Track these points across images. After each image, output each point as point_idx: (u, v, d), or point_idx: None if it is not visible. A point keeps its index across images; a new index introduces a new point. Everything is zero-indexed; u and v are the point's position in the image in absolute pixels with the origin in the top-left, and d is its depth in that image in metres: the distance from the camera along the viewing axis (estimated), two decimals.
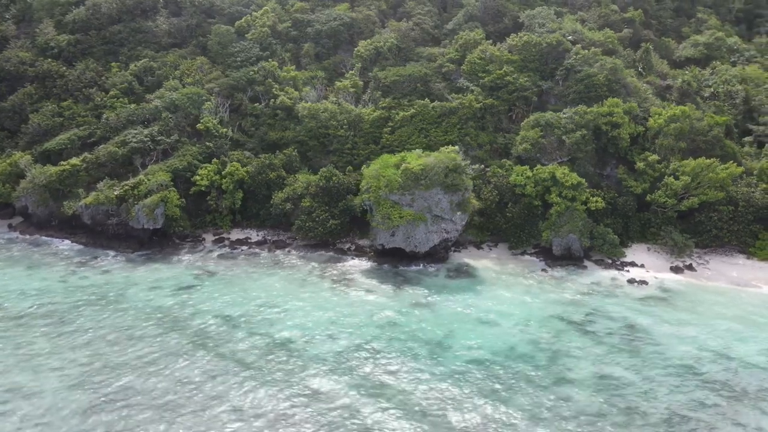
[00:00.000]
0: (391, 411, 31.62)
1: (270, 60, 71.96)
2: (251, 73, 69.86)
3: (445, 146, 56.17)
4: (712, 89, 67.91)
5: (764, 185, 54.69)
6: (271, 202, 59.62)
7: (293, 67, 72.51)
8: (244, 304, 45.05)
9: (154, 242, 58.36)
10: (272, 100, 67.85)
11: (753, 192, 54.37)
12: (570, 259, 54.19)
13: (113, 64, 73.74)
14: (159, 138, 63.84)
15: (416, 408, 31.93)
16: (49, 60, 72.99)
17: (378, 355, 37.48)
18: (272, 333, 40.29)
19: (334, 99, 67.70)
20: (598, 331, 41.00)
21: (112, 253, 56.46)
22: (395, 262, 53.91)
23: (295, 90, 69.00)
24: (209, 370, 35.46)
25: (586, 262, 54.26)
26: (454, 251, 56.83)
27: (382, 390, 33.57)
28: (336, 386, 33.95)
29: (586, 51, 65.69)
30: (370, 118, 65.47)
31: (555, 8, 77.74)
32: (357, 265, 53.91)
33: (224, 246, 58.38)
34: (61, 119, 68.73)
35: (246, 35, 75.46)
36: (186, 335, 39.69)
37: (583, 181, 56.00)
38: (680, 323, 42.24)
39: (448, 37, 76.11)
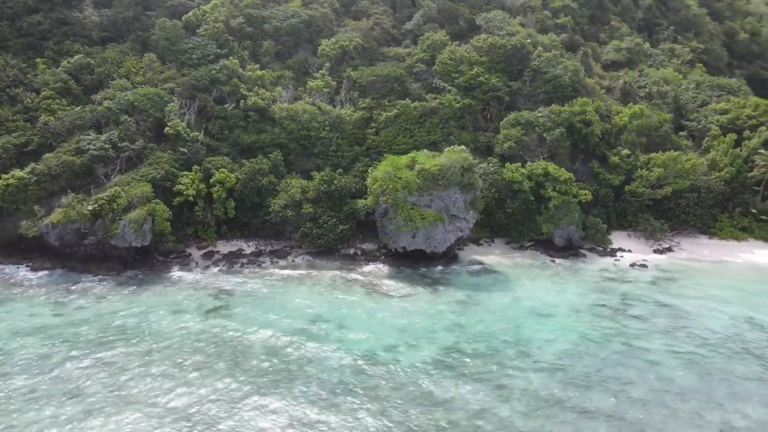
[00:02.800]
0: (528, 408, 31.64)
1: (230, 58, 67.07)
2: (213, 71, 64.61)
3: (453, 146, 56.57)
4: (646, 89, 75.96)
5: (717, 174, 62.61)
6: (269, 209, 55.92)
7: (257, 66, 68.32)
8: (294, 320, 41.90)
9: (138, 261, 51.93)
10: (242, 101, 63.43)
11: (711, 180, 62.03)
12: (569, 249, 57.72)
13: (38, 60, 63.93)
14: (123, 144, 56.76)
15: (553, 400, 32.32)
16: None
17: (472, 358, 37.12)
18: (350, 348, 38.03)
19: (310, 100, 65.09)
20: (642, 315, 44.35)
21: (92, 277, 49.17)
22: (412, 264, 53.43)
23: (263, 90, 65.06)
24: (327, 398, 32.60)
25: (582, 251, 58.13)
26: (458, 249, 57.68)
27: (506, 390, 33.40)
28: (459, 392, 33.11)
29: (548, 53, 70.04)
30: (352, 119, 63.97)
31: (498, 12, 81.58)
32: (375, 270, 52.56)
33: (220, 261, 53.61)
34: None
35: (197, 31, 69.56)
36: (257, 363, 36.02)
37: (572, 175, 59.81)
38: (701, 298, 47.28)
39: (407, 37, 76.63)
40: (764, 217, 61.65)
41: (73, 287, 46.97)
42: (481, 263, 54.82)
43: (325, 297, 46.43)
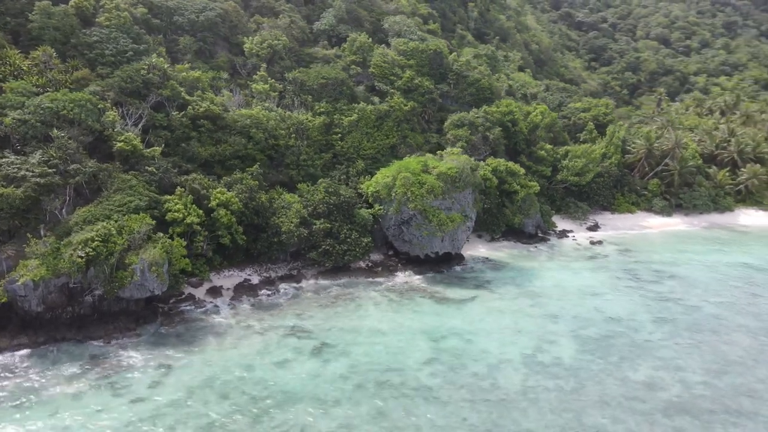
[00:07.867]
0: (709, 369, 36.00)
1: (153, 55, 55.56)
2: (142, 71, 52.94)
3: (450, 149, 57.43)
4: (521, 92, 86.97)
5: (608, 161, 75.97)
6: (282, 229, 48.87)
7: (188, 65, 57.93)
8: (414, 343, 38.84)
9: (146, 313, 40.78)
10: (189, 107, 53.50)
11: (607, 166, 74.99)
12: (535, 236, 63.95)
13: None
14: (72, 167, 43.33)
15: (711, 359, 37.27)
16: None
17: (606, 340, 39.96)
18: (506, 358, 37.22)
19: (267, 105, 58.23)
20: (656, 281, 52.65)
21: (106, 344, 37.14)
22: (432, 268, 53.01)
23: (210, 94, 55.90)
24: None
25: (543, 236, 65.00)
26: None
27: (672, 361, 37.14)
28: (647, 373, 35.70)
29: (463, 59, 75.09)
30: (315, 125, 59.45)
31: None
32: (410, 279, 50.84)
33: (239, 296, 45.43)
34: None
35: (96, 21, 55.62)
36: (473, 402, 33.04)
37: (523, 170, 65.99)
38: (672, 261, 58.16)
39: (321, 37, 73.27)
40: (645, 192, 77.44)
41: (105, 363, 34.76)
42: (483, 258, 57.24)
43: (404, 314, 43.60)
